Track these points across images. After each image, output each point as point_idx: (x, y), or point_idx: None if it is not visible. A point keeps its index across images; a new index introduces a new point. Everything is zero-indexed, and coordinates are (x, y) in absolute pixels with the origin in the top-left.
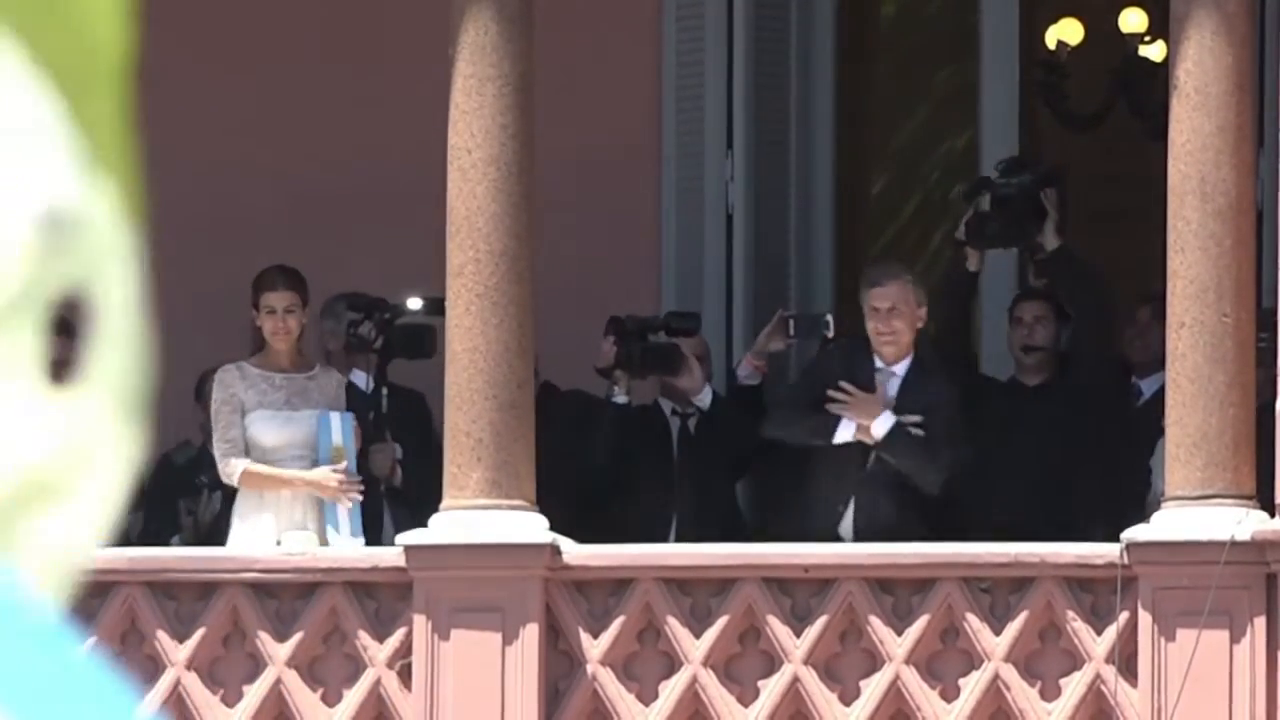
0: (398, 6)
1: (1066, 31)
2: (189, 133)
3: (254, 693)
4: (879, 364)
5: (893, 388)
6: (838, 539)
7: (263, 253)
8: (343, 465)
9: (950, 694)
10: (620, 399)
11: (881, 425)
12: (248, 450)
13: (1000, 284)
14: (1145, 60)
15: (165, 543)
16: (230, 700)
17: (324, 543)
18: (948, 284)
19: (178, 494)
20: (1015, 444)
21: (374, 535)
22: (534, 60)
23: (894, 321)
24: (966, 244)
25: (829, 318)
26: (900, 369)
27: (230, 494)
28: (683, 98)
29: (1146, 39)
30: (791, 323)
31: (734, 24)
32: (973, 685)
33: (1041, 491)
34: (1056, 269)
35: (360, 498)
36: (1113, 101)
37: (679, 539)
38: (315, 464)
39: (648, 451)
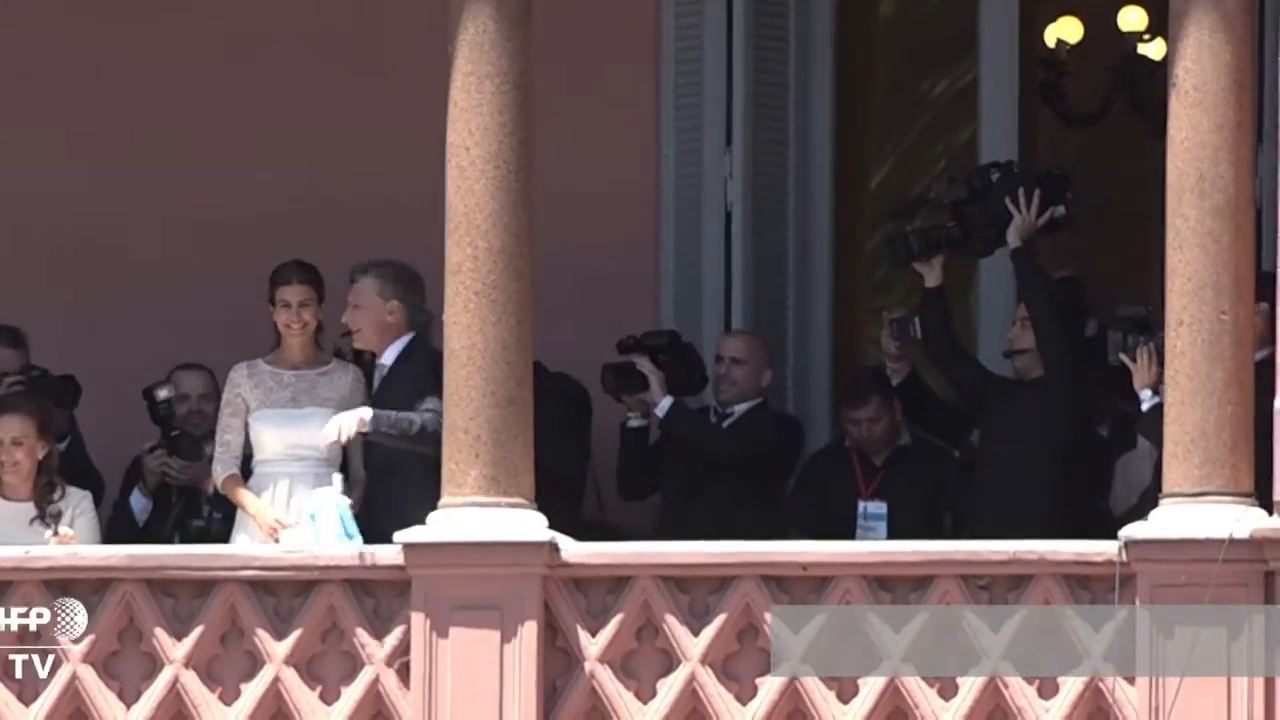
0: (397, 4)
1: (1066, 29)
2: (188, 132)
3: (252, 690)
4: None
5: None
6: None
7: (261, 252)
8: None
9: (948, 691)
10: (635, 423)
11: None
12: (252, 451)
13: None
14: (1144, 58)
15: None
16: (228, 698)
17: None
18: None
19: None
20: (1005, 438)
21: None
22: (532, 58)
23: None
24: (890, 266)
25: (916, 320)
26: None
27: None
28: (681, 95)
29: (1145, 37)
30: (894, 325)
31: (733, 22)
32: (971, 682)
33: (1018, 484)
34: (1016, 272)
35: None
36: (1112, 99)
37: (716, 536)
38: (318, 470)
39: (679, 452)
